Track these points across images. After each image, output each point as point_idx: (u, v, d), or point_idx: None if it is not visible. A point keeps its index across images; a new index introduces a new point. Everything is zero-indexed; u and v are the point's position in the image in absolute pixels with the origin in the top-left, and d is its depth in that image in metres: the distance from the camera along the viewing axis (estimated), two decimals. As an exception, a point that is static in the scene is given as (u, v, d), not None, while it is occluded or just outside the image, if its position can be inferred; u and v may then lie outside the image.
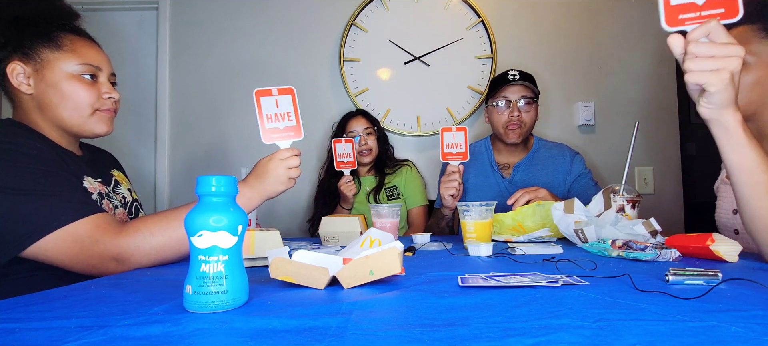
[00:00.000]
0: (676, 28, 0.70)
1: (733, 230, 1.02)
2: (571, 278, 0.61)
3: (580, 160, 1.65)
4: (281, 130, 0.99)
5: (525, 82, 1.59)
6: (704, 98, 0.70)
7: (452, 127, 1.37)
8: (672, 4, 0.70)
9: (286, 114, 0.99)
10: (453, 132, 1.37)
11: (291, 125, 0.99)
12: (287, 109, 0.99)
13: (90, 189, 0.92)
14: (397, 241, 0.64)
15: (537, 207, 1.14)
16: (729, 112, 0.70)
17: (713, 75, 0.67)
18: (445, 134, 1.37)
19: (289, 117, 0.99)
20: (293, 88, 1.00)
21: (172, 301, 0.53)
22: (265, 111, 0.99)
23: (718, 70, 0.66)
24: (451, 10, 2.26)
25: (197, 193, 0.50)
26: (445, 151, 1.38)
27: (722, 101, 0.69)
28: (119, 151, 1.31)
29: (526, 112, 1.59)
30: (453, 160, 1.38)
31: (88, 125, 0.95)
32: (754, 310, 0.44)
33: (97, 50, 0.98)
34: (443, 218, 1.54)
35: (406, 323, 0.42)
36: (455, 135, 1.38)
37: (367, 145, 1.89)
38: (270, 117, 0.99)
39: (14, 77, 0.90)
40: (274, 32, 2.29)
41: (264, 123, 0.99)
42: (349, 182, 1.64)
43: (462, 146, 1.37)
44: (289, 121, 0.99)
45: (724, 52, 0.66)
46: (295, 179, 0.98)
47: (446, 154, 1.38)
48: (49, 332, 0.41)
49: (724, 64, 0.66)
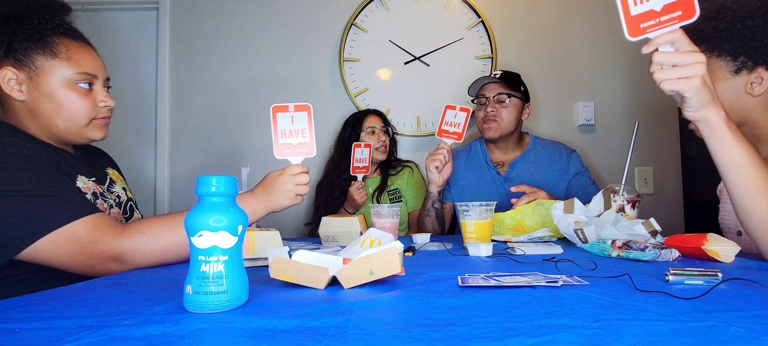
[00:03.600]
0: (640, 37, 0.72)
1: (737, 231, 1.02)
2: (571, 278, 0.61)
3: (576, 157, 1.65)
4: (294, 147, 0.99)
5: (500, 80, 1.62)
6: (685, 103, 0.73)
7: (456, 106, 1.38)
8: (632, 14, 0.72)
9: (300, 131, 0.99)
10: (456, 110, 1.38)
11: (304, 142, 1.00)
12: (302, 126, 1.00)
13: (84, 189, 0.91)
14: (397, 241, 0.64)
15: (537, 206, 1.14)
16: (711, 111, 0.73)
17: (684, 82, 0.70)
18: (448, 111, 1.39)
19: (303, 134, 0.99)
20: (310, 106, 1.01)
21: (172, 301, 0.53)
22: (279, 126, 0.99)
23: (688, 77, 0.69)
24: (451, 10, 2.26)
25: (197, 193, 0.50)
26: (443, 128, 1.40)
27: (701, 103, 0.72)
28: (118, 151, 1.31)
29: (502, 107, 1.61)
30: (448, 138, 1.40)
31: (83, 133, 0.94)
32: (754, 310, 0.44)
33: (93, 55, 0.95)
34: (429, 197, 1.56)
35: (406, 323, 0.42)
36: (458, 114, 1.39)
37: (384, 143, 1.91)
38: (284, 133, 0.99)
39: (6, 83, 0.87)
40: (274, 32, 2.29)
41: (278, 138, 0.99)
42: (361, 188, 1.65)
43: (460, 127, 1.38)
44: (303, 137, 0.99)
45: (686, 59, 0.70)
46: (302, 196, 0.98)
47: (443, 131, 1.40)
48: (49, 332, 0.41)
49: (692, 70, 0.69)
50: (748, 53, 0.92)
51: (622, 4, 0.73)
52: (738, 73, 0.93)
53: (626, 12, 0.73)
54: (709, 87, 0.71)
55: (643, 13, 0.72)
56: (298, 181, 0.96)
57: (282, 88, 2.26)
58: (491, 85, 1.63)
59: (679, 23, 0.70)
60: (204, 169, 2.26)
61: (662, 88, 0.72)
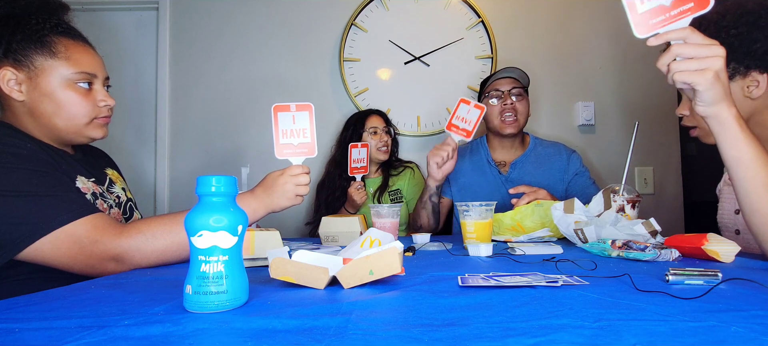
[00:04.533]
0: (649, 34, 0.71)
1: (735, 230, 1.02)
2: (571, 278, 0.61)
3: (576, 158, 1.65)
4: (295, 147, 0.99)
5: (513, 75, 1.61)
6: (697, 97, 0.72)
7: (471, 102, 1.33)
8: (640, 12, 0.71)
9: (302, 131, 0.99)
10: (470, 106, 1.34)
11: (305, 142, 0.99)
12: (303, 125, 0.99)
13: (83, 189, 0.91)
14: (397, 241, 0.64)
15: (536, 207, 1.14)
16: (723, 107, 0.72)
17: (698, 75, 0.69)
18: (462, 105, 1.34)
19: (304, 134, 0.99)
20: (311, 105, 1.00)
21: (172, 301, 0.53)
22: (281, 126, 0.99)
23: (703, 70, 0.68)
24: (451, 10, 2.26)
25: (197, 193, 0.50)
26: (453, 122, 1.35)
27: (713, 98, 0.70)
28: (118, 152, 1.31)
29: (518, 102, 1.61)
30: (456, 133, 1.35)
31: (83, 133, 0.94)
32: (754, 310, 0.44)
33: (92, 55, 0.95)
34: (427, 190, 1.53)
35: (406, 323, 0.42)
36: (471, 110, 1.34)
37: (386, 143, 1.90)
38: (285, 133, 0.99)
39: (5, 84, 0.87)
40: (274, 32, 2.29)
41: (279, 138, 0.98)
42: (360, 189, 1.65)
43: (471, 125, 1.33)
44: (304, 138, 0.99)
45: (704, 52, 0.68)
46: (302, 196, 0.98)
47: (452, 124, 1.35)
48: (49, 332, 0.41)
49: (707, 63, 0.68)
50: (739, 60, 0.93)
51: (628, 3, 0.71)
52: (732, 79, 0.95)
53: (633, 9, 0.71)
54: (722, 83, 0.70)
55: (653, 9, 0.70)
56: (298, 181, 0.96)
57: (282, 88, 2.26)
58: (504, 80, 1.62)
59: (693, 14, 0.68)
60: (204, 170, 2.25)
61: (675, 79, 0.70)
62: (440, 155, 1.38)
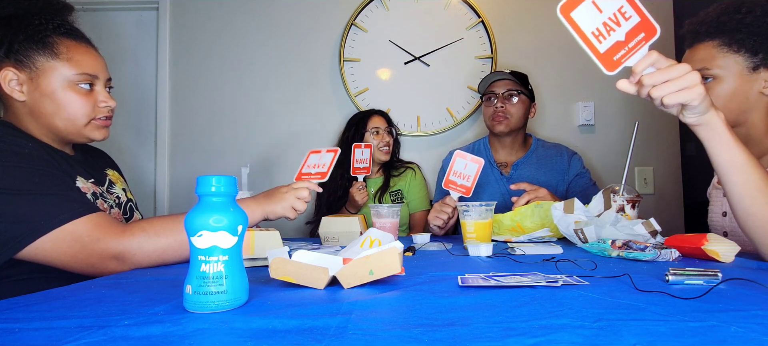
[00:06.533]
0: (618, 69, 0.73)
1: (723, 232, 1.03)
2: (571, 278, 0.61)
3: (578, 159, 1.66)
4: (312, 175, 1.13)
5: (510, 77, 1.63)
6: (687, 110, 0.74)
7: (467, 156, 1.26)
8: (601, 51, 0.73)
9: (322, 165, 1.13)
10: (467, 161, 1.25)
11: (321, 172, 1.12)
12: (325, 161, 1.13)
13: (83, 189, 0.91)
14: (397, 241, 0.64)
15: (536, 207, 1.14)
16: (712, 114, 0.74)
17: (687, 92, 0.70)
18: (458, 160, 1.26)
19: (323, 167, 1.13)
20: (339, 149, 1.15)
21: (172, 301, 0.53)
22: (309, 162, 1.14)
23: (690, 86, 0.70)
24: (451, 10, 2.26)
25: (197, 193, 0.50)
26: (451, 178, 1.25)
27: (706, 108, 0.73)
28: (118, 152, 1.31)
29: (511, 104, 1.63)
30: (455, 191, 1.25)
31: (84, 133, 0.94)
32: (754, 310, 0.44)
33: (94, 56, 0.95)
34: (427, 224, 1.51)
35: (406, 323, 0.42)
36: (468, 165, 1.25)
37: (388, 143, 1.90)
38: (309, 166, 1.14)
39: (7, 84, 0.87)
40: (274, 32, 2.29)
41: (302, 170, 1.13)
42: (361, 189, 1.65)
43: (470, 180, 1.24)
44: (321, 169, 1.13)
45: (677, 72, 0.70)
46: (297, 210, 1.05)
47: (450, 181, 1.25)
48: (49, 332, 0.41)
49: (689, 80, 0.70)
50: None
51: (589, 47, 0.73)
52: (756, 70, 0.93)
53: (595, 51, 0.73)
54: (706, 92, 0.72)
55: (611, 46, 0.72)
56: (299, 194, 1.04)
57: (282, 89, 2.26)
58: (500, 82, 1.65)
59: (647, 43, 0.71)
60: (204, 170, 2.25)
61: (665, 102, 0.72)
62: (442, 218, 1.31)
